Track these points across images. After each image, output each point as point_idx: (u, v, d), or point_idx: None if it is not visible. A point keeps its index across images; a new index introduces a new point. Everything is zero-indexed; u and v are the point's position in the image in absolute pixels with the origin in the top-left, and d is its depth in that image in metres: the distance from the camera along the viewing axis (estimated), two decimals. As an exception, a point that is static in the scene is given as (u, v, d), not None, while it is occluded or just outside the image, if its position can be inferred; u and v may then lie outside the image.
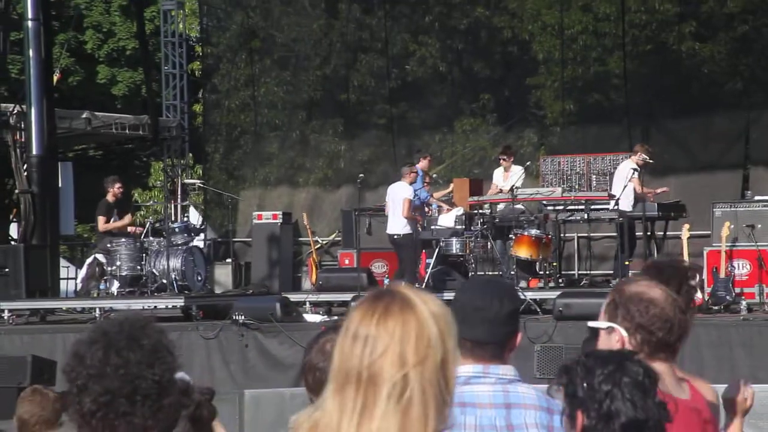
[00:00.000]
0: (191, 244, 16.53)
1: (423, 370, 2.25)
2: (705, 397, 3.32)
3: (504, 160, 16.32)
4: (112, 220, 16.46)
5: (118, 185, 16.66)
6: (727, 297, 13.74)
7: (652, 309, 3.10)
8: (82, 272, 17.96)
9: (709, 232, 15.12)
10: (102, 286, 16.27)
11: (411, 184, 15.37)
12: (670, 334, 3.12)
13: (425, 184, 16.35)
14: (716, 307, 13.63)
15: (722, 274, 13.98)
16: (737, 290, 13.99)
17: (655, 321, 3.10)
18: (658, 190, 15.73)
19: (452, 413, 2.32)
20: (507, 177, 16.13)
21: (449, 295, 12.83)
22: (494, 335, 3.31)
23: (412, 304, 2.29)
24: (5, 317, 15.19)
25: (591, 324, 3.18)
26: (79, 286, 17.86)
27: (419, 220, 15.59)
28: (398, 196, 15.30)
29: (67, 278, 18.85)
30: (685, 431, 3.10)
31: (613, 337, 3.11)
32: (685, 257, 13.80)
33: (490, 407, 3.25)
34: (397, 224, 15.23)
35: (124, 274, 15.89)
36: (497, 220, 15.47)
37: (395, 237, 15.29)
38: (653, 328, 3.10)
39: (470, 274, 15.32)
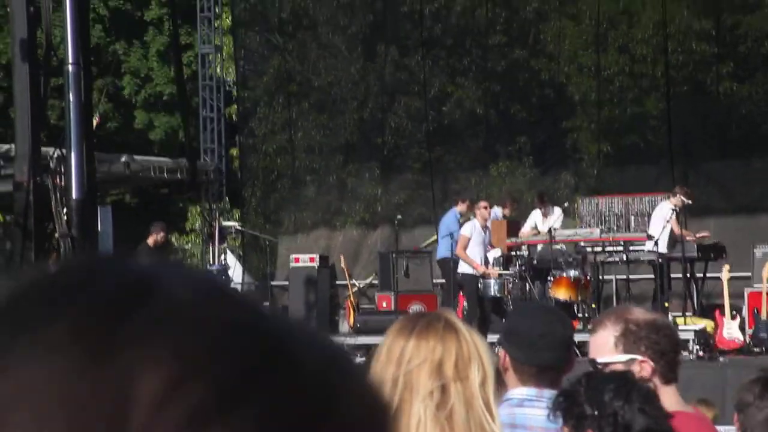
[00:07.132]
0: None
1: (464, 388, 2.35)
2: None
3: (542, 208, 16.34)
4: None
5: (161, 234, 16.80)
6: (769, 338, 13.61)
7: (671, 334, 3.31)
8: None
9: (750, 274, 15.00)
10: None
11: (483, 223, 15.21)
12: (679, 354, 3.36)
13: (460, 226, 16.32)
14: (757, 349, 13.49)
15: (764, 316, 13.83)
16: (779, 332, 13.85)
17: (675, 345, 3.31)
18: (698, 234, 15.54)
19: None
20: (545, 220, 16.09)
21: (490, 337, 12.68)
22: (559, 360, 3.40)
23: (456, 326, 2.43)
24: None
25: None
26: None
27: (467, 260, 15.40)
28: None
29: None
30: None
31: (636, 368, 3.16)
32: (726, 298, 13.69)
33: (541, 431, 3.24)
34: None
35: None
36: (535, 262, 15.41)
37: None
38: (676, 351, 3.30)
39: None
